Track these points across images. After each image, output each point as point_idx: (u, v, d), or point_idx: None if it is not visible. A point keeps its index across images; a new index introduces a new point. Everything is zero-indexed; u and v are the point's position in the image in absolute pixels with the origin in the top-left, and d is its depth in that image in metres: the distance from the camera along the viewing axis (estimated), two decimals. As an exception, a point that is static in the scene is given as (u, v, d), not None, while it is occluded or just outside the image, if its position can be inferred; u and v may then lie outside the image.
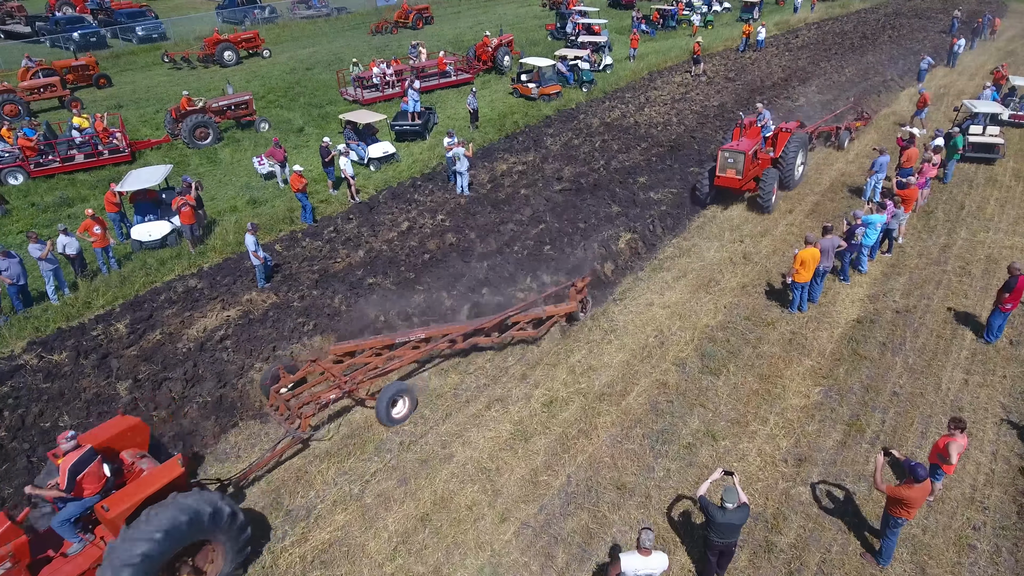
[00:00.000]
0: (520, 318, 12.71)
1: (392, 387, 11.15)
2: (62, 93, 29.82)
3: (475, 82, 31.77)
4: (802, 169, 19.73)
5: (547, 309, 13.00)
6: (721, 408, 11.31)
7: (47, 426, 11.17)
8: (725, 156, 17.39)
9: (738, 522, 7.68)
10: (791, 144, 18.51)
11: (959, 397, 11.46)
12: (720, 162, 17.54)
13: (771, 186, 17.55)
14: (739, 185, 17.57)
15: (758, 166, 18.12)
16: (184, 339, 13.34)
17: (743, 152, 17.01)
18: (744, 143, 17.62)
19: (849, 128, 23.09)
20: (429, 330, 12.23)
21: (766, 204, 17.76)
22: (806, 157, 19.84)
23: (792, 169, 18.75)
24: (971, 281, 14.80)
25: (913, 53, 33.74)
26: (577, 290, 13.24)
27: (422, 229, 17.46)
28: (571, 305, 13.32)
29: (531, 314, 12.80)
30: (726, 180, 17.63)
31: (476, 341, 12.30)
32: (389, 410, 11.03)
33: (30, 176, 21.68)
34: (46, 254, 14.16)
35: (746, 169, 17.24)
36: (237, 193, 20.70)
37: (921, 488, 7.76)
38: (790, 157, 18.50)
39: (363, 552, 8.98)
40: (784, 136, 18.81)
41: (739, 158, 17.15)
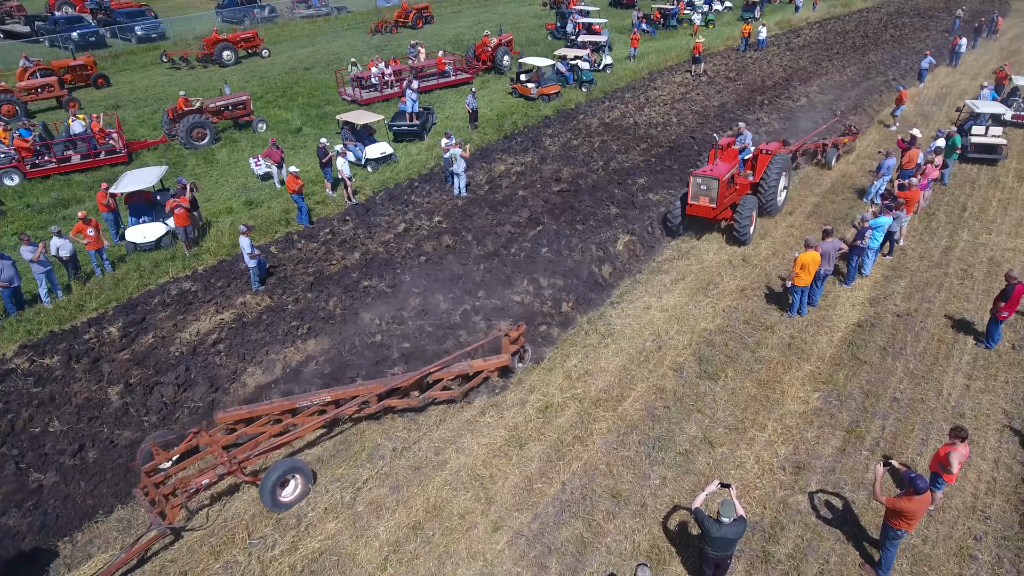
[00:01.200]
0: (443, 375, 11.32)
1: (281, 465, 9.53)
2: (60, 93, 29.68)
3: (474, 82, 31.61)
4: (785, 194, 18.27)
5: (474, 364, 11.51)
6: (719, 414, 11.15)
7: (37, 431, 11.05)
8: (697, 182, 15.63)
9: (734, 536, 7.54)
10: (772, 167, 17.04)
11: (960, 403, 11.29)
12: (692, 188, 15.82)
13: (748, 215, 15.97)
14: (713, 214, 15.94)
15: (735, 192, 16.48)
16: (177, 343, 13.22)
17: (717, 178, 15.30)
18: (719, 167, 15.94)
19: (836, 144, 21.57)
20: (336, 391, 10.84)
21: (743, 235, 16.08)
22: (789, 180, 18.49)
23: (774, 194, 17.29)
24: (973, 284, 14.63)
25: (915, 52, 33.52)
26: (511, 340, 11.70)
27: (419, 231, 17.32)
28: (503, 358, 11.72)
29: (455, 370, 11.40)
30: (699, 208, 15.92)
31: (391, 404, 10.93)
32: (276, 493, 9.43)
33: (26, 177, 21.55)
34: (38, 256, 14.05)
35: (720, 196, 15.56)
36: (233, 194, 20.57)
37: (921, 500, 7.60)
38: (771, 181, 17.04)
39: (354, 561, 8.84)
40: (764, 159, 17.38)
41: (712, 184, 15.42)
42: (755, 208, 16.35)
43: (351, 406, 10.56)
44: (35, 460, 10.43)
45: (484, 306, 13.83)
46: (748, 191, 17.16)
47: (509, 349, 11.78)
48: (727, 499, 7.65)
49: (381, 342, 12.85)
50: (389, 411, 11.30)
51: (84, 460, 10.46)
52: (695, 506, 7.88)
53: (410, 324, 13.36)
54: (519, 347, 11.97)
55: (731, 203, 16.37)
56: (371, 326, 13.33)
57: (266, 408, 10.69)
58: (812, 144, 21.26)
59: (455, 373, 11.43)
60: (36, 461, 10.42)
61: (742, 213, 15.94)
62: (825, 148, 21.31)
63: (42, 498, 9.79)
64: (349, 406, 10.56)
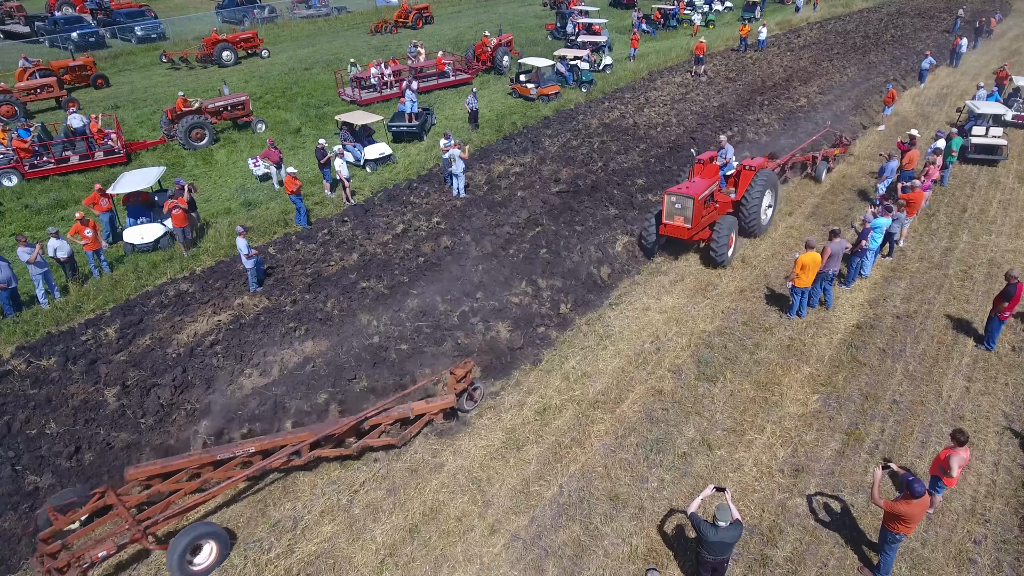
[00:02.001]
0: (381, 419, 10.42)
1: (193, 530, 8.59)
2: (59, 94, 29.68)
3: (474, 82, 31.57)
4: (771, 212, 17.10)
5: (416, 407, 10.67)
6: (717, 416, 11.10)
7: (33, 433, 11.01)
8: (672, 200, 14.72)
9: (731, 540, 7.49)
10: (755, 185, 15.92)
11: (960, 405, 11.24)
12: (666, 207, 14.89)
13: (726, 236, 14.83)
14: (688, 235, 14.91)
15: (714, 211, 15.51)
16: (174, 344, 13.18)
17: (692, 197, 14.40)
18: (695, 185, 14.98)
19: (827, 157, 20.45)
20: (262, 441, 9.95)
21: (719, 258, 14.99)
22: (776, 197, 17.25)
23: (757, 213, 16.09)
24: (973, 286, 14.57)
25: (916, 53, 33.47)
26: (457, 378, 10.81)
27: (417, 232, 17.28)
28: (447, 399, 10.84)
29: (394, 413, 10.51)
30: (673, 229, 14.99)
31: (322, 453, 10.01)
32: (186, 562, 8.48)
33: (24, 177, 21.54)
34: (34, 258, 14.02)
35: (696, 216, 14.59)
36: (232, 195, 20.54)
37: (919, 504, 7.55)
38: (754, 200, 15.92)
39: (350, 564, 8.80)
40: (747, 175, 16.16)
41: (687, 204, 14.50)
42: (734, 228, 15.28)
43: (279, 457, 9.58)
44: (31, 462, 10.39)
45: (482, 307, 13.79)
46: (730, 209, 16.25)
47: (455, 388, 10.87)
48: (722, 503, 7.61)
49: (379, 344, 12.81)
50: (321, 461, 10.29)
51: (80, 462, 10.42)
52: (691, 511, 7.83)
53: (408, 325, 13.32)
54: (467, 385, 11.07)
55: (709, 222, 15.39)
56: (369, 327, 13.29)
57: (182, 462, 9.67)
58: (801, 157, 20.14)
59: (395, 417, 10.49)
60: (32, 463, 10.38)
61: (719, 234, 14.86)
62: (815, 161, 20.26)
63: (38, 501, 9.74)
64: (277, 457, 9.57)
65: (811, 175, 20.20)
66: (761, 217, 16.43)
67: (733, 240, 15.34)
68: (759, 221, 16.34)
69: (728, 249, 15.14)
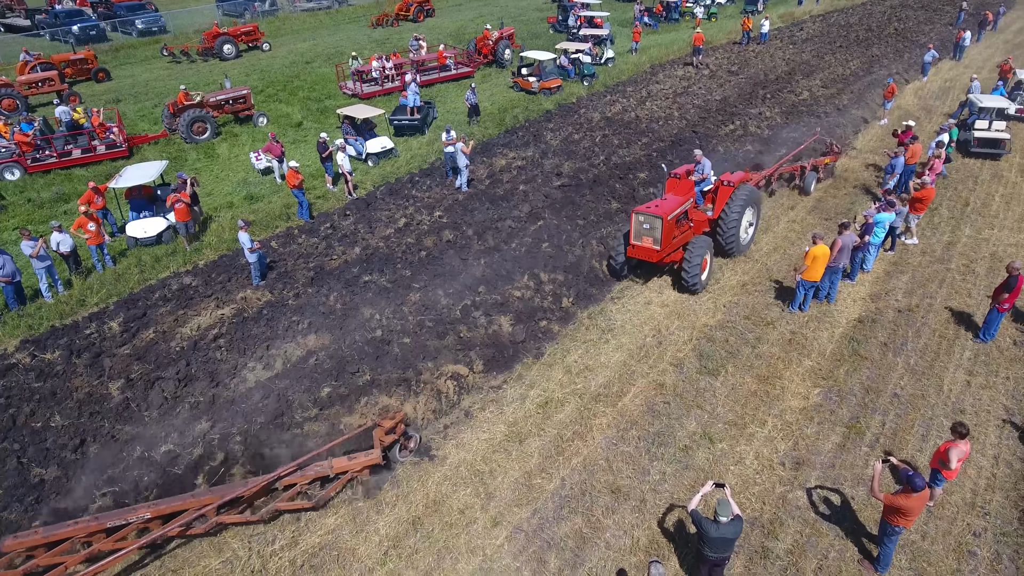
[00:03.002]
0: (296, 479, 9.41)
1: None
2: (60, 87, 29.65)
3: (475, 76, 31.50)
4: (752, 231, 15.83)
5: (336, 464, 9.62)
6: (719, 410, 11.15)
7: (38, 426, 11.09)
8: (640, 220, 13.60)
9: (732, 536, 7.48)
10: (734, 201, 14.74)
11: (961, 399, 11.28)
12: (634, 227, 13.79)
13: (699, 259, 13.68)
14: (658, 257, 13.78)
15: (687, 230, 14.42)
16: (178, 337, 13.24)
17: (661, 217, 13.26)
18: (665, 204, 13.78)
19: (816, 167, 19.23)
20: (158, 506, 8.89)
21: (691, 283, 13.82)
22: (758, 215, 15.93)
23: (735, 232, 14.90)
24: (975, 280, 14.58)
25: (919, 46, 33.32)
26: (385, 430, 9.88)
27: (419, 226, 17.30)
28: (372, 455, 9.69)
29: (311, 472, 9.51)
30: (641, 250, 13.84)
31: (227, 519, 9.04)
32: None
33: (27, 171, 21.57)
34: (37, 251, 14.07)
35: (666, 237, 13.48)
36: (234, 189, 20.56)
37: (919, 497, 7.59)
38: (732, 218, 14.74)
39: (353, 556, 8.87)
40: (726, 191, 14.97)
41: (656, 224, 13.38)
42: (709, 250, 14.10)
43: (176, 524, 8.68)
44: (36, 455, 10.47)
45: (485, 301, 13.82)
46: (706, 228, 15.20)
47: (383, 442, 9.86)
48: (723, 499, 7.57)
49: (382, 337, 12.86)
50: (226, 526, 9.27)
51: (85, 455, 10.49)
52: (691, 508, 7.78)
53: (410, 319, 13.36)
54: (398, 437, 10.13)
55: (682, 243, 14.21)
56: (371, 321, 13.33)
57: (68, 531, 8.56)
58: (788, 167, 19.06)
59: (311, 477, 9.49)
60: (38, 456, 10.45)
61: (692, 256, 13.70)
62: (803, 172, 19.04)
63: (43, 493, 9.82)
64: (177, 523, 8.68)
65: (799, 186, 18.98)
66: (741, 236, 15.29)
67: (708, 263, 14.22)
68: (738, 241, 15.17)
69: (702, 273, 14.04)
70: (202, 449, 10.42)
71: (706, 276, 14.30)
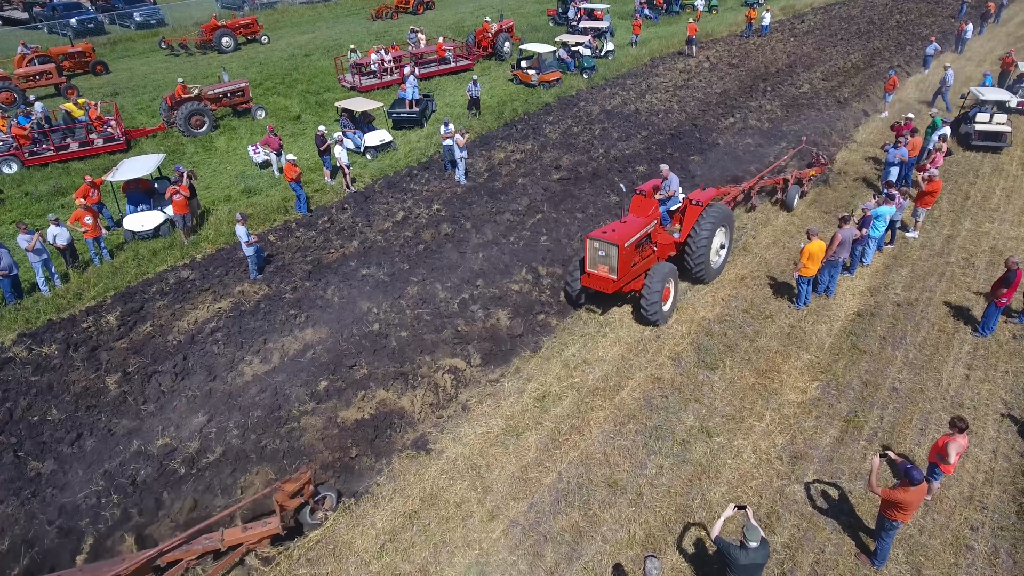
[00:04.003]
0: (180, 555, 8.26)
1: None
2: (58, 80, 29.55)
3: (475, 69, 31.36)
4: (724, 254, 14.50)
5: (228, 536, 8.45)
6: (716, 403, 11.12)
7: (35, 419, 11.08)
8: (594, 247, 12.37)
9: (762, 561, 7.05)
10: (703, 222, 13.47)
11: (960, 393, 11.24)
12: (589, 254, 12.58)
13: (659, 288, 12.36)
14: (614, 287, 12.42)
15: (650, 255, 13.31)
16: (175, 331, 13.23)
17: (616, 244, 12.03)
18: (625, 227, 12.54)
19: (800, 179, 17.74)
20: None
21: (651, 315, 12.50)
22: (731, 235, 14.59)
23: (704, 256, 13.56)
24: (975, 273, 14.52)
25: (920, 39, 33.15)
26: (288, 494, 8.60)
27: (417, 219, 17.24)
28: (271, 525, 8.53)
29: (198, 547, 8.32)
30: (596, 279, 12.57)
31: None
32: None
33: (24, 165, 21.50)
34: (33, 245, 14.02)
35: (623, 265, 12.25)
36: (232, 182, 20.49)
37: (916, 491, 7.56)
38: (701, 240, 13.45)
39: (350, 550, 8.86)
40: (693, 211, 13.68)
41: (611, 251, 12.15)
42: (672, 277, 12.82)
43: None
44: (33, 448, 10.46)
45: (482, 295, 13.79)
46: (673, 252, 14.03)
47: (286, 507, 8.56)
48: (750, 523, 7.13)
49: (379, 331, 12.83)
50: None
51: (82, 448, 10.48)
52: (714, 535, 7.39)
53: (408, 313, 13.33)
54: (307, 500, 8.87)
55: (643, 270, 13.00)
56: (369, 315, 13.30)
57: None
58: (770, 180, 17.70)
59: (199, 551, 8.31)
60: (34, 449, 10.45)
61: (651, 285, 12.43)
62: (786, 184, 17.53)
63: (40, 486, 9.81)
64: None
65: (781, 201, 17.60)
66: (711, 260, 14.00)
67: (671, 292, 12.97)
68: (707, 266, 13.86)
69: (663, 304, 12.78)
70: (199, 443, 10.41)
71: (669, 307, 13.08)
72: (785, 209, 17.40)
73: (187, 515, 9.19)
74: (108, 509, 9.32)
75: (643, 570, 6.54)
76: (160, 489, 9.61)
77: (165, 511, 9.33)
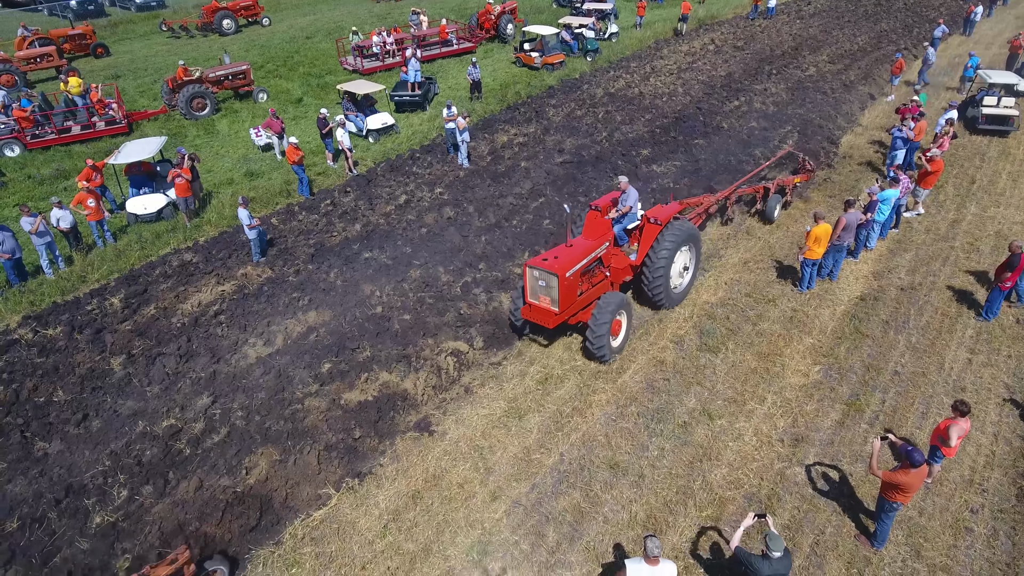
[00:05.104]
0: None
1: None
2: (59, 63, 29.43)
3: (477, 51, 31.11)
4: (690, 276, 13.12)
5: None
6: (718, 387, 11.15)
7: (41, 401, 11.16)
8: (534, 275, 11.05)
9: (785, 571, 6.74)
10: (662, 243, 12.04)
11: (962, 377, 11.25)
12: (529, 284, 11.25)
13: (607, 321, 10.96)
14: (556, 320, 11.13)
15: (601, 282, 11.98)
16: (178, 314, 13.27)
17: (556, 275, 10.70)
18: (570, 252, 11.18)
19: (783, 188, 16.18)
20: None
21: (598, 351, 11.16)
22: (698, 256, 13.09)
23: (663, 281, 12.14)
24: (979, 258, 14.47)
25: (928, 21, 32.75)
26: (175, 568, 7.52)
27: (420, 202, 17.21)
28: None
29: None
30: (538, 312, 11.25)
31: None
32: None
33: (26, 148, 21.47)
34: (36, 227, 14.05)
35: (565, 297, 10.94)
36: (234, 165, 20.45)
37: (917, 473, 7.59)
38: (659, 263, 11.99)
39: (354, 529, 8.95)
40: (652, 231, 12.22)
41: (552, 281, 10.85)
42: (623, 309, 11.39)
43: None
44: (40, 429, 10.55)
45: (485, 278, 13.79)
46: (629, 275, 12.68)
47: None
48: (772, 532, 6.85)
49: (382, 314, 12.85)
50: None
51: (88, 429, 10.57)
52: (734, 544, 7.08)
53: (411, 296, 13.34)
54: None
55: (590, 299, 11.69)
56: (372, 298, 13.32)
57: None
58: (749, 189, 16.12)
59: None
60: (41, 430, 10.54)
61: (598, 318, 10.99)
62: (767, 193, 15.97)
63: (47, 466, 9.90)
64: None
65: (760, 211, 16.14)
66: (674, 284, 12.70)
67: (623, 325, 11.67)
68: (667, 291, 12.41)
69: (613, 339, 11.42)
70: (204, 424, 10.49)
71: (620, 341, 11.67)
72: (765, 221, 15.96)
73: (193, 494, 9.28)
74: (115, 488, 9.42)
75: (644, 549, 6.58)
76: (166, 469, 9.70)
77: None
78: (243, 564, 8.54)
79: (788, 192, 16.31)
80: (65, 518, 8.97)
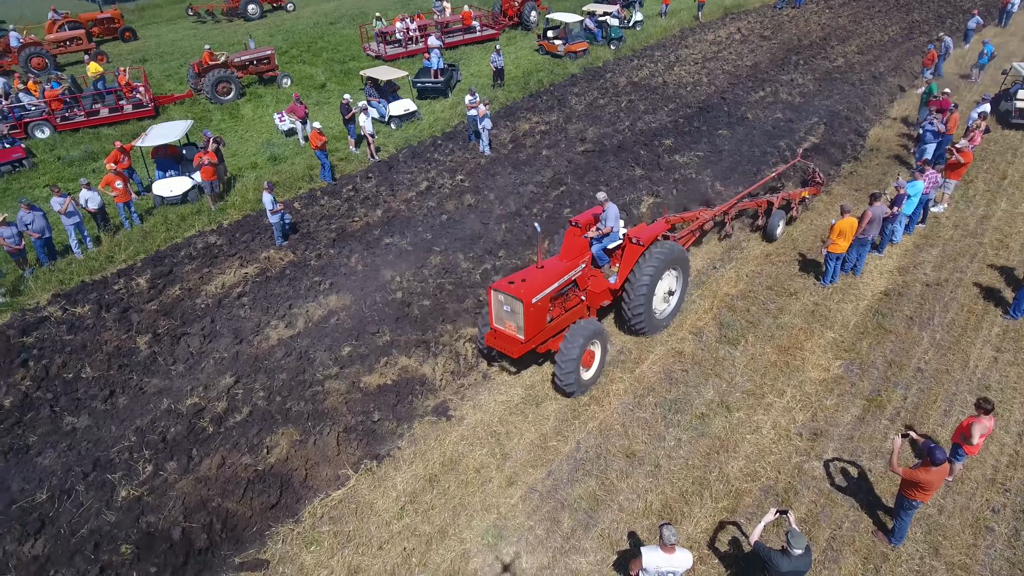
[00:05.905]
0: None
1: None
2: (88, 46, 29.85)
3: (500, 39, 30.97)
4: (675, 300, 12.21)
5: None
6: (737, 379, 11.10)
7: (70, 377, 11.44)
8: (499, 300, 10.25)
9: (805, 568, 6.72)
10: (644, 266, 11.10)
11: (987, 375, 11.07)
12: (494, 308, 10.46)
13: (577, 352, 10.01)
14: (520, 351, 10.31)
15: (575, 307, 11.20)
16: (203, 295, 13.48)
17: (522, 300, 9.90)
18: (537, 276, 10.36)
19: (789, 202, 15.10)
20: None
21: (566, 384, 10.26)
22: (685, 280, 12.16)
23: (644, 307, 11.22)
24: (1008, 255, 14.17)
25: (962, 11, 31.95)
26: None
27: (441, 189, 17.25)
28: None
29: None
30: (502, 338, 10.44)
31: None
32: None
33: (56, 129, 21.86)
34: (65, 208, 14.33)
35: (532, 324, 10.15)
36: (258, 150, 20.65)
37: (938, 471, 7.50)
38: (639, 288, 11.07)
39: (371, 510, 9.09)
40: (633, 251, 11.20)
41: (517, 307, 10.03)
42: (596, 339, 10.48)
43: None
44: (68, 404, 10.83)
45: (505, 266, 13.81)
46: (608, 299, 11.65)
47: None
48: (793, 528, 6.81)
49: (402, 299, 12.95)
50: None
51: (115, 405, 10.82)
52: (754, 539, 7.06)
53: (430, 282, 13.42)
54: None
55: (563, 326, 10.86)
56: (392, 283, 13.42)
57: None
58: (751, 203, 15.03)
59: None
60: (69, 405, 10.81)
61: (567, 349, 10.04)
62: (770, 208, 14.78)
63: (75, 440, 10.17)
64: None
65: (761, 228, 15.03)
66: (657, 309, 11.80)
67: (596, 356, 10.71)
68: (648, 317, 11.47)
69: (584, 370, 10.54)
70: (226, 403, 10.68)
71: (592, 374, 10.73)
72: (766, 239, 14.89)
73: (216, 471, 9.47)
74: (140, 464, 9.64)
75: (659, 536, 6.60)
76: (189, 446, 9.91)
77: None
78: (263, 540, 8.72)
79: (794, 207, 15.29)
80: (93, 491, 9.22)
